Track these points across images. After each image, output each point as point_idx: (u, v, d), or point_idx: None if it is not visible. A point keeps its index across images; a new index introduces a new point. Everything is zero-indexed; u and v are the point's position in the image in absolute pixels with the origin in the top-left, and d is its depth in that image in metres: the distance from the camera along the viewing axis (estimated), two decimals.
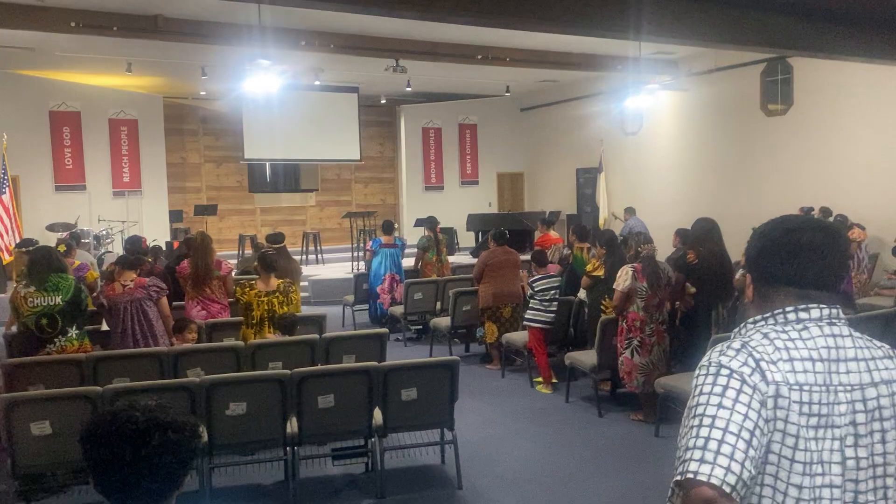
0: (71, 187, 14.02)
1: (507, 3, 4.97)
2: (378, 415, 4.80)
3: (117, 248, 12.31)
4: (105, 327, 6.18)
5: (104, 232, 12.98)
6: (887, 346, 1.55)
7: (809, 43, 6.41)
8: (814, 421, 1.41)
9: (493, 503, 4.75)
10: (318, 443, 5.04)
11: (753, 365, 1.42)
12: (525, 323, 7.33)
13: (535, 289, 7.19)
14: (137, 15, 9.29)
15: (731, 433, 1.34)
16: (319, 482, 5.06)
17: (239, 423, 4.54)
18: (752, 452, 1.35)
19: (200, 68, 12.17)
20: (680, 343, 6.32)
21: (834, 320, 1.51)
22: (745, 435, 1.35)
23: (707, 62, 12.62)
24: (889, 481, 1.47)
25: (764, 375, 1.41)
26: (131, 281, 5.88)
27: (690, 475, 1.33)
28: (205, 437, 4.49)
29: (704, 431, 1.36)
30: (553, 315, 7.20)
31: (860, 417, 1.45)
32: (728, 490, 1.31)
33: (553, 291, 7.25)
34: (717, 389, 1.40)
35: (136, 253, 7.51)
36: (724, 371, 1.42)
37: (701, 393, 1.42)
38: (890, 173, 10.22)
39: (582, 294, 7.26)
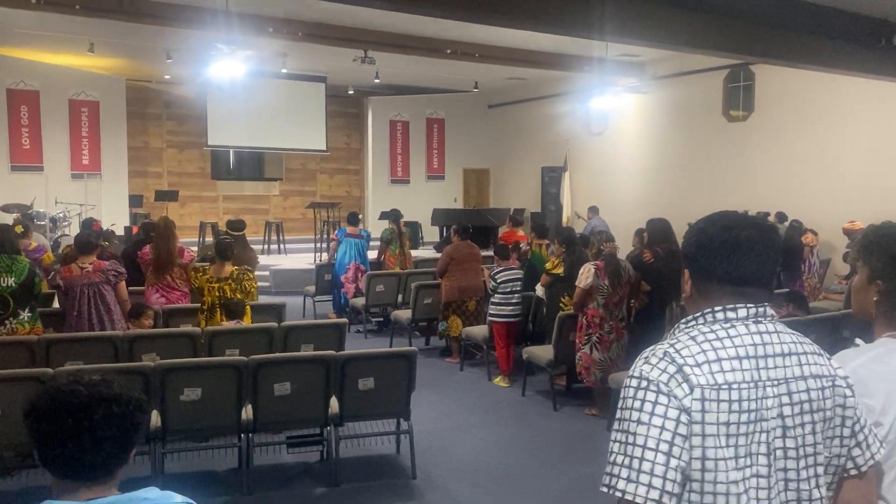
0: (27, 168, 13.70)
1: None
2: (334, 403, 4.81)
3: (75, 232, 12.06)
4: (57, 305, 6.08)
5: (61, 214, 12.71)
6: (816, 345, 1.60)
7: (769, 50, 6.57)
8: (745, 417, 1.45)
9: (447, 493, 4.80)
10: (273, 431, 5.03)
11: (673, 371, 1.45)
12: (489, 318, 7.38)
13: (498, 281, 7.25)
14: None
15: (650, 449, 1.42)
16: (274, 470, 5.05)
17: (193, 409, 4.51)
18: (673, 462, 1.42)
19: (165, 52, 11.98)
20: (634, 339, 6.43)
21: (760, 318, 1.55)
22: (664, 447, 1.42)
23: (672, 66, 12.81)
24: (819, 469, 1.53)
25: (687, 380, 1.44)
26: (90, 264, 5.79)
27: (619, 493, 1.44)
28: (158, 422, 4.47)
29: (628, 449, 1.44)
30: (515, 308, 7.27)
31: (787, 410, 1.49)
32: None
33: (515, 284, 7.31)
34: (636, 404, 1.46)
35: (92, 236, 7.38)
36: (643, 383, 1.47)
37: (623, 406, 1.49)
38: (842, 181, 10.52)
39: (538, 290, 7.33)
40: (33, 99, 13.75)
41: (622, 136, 14.44)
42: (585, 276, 6.09)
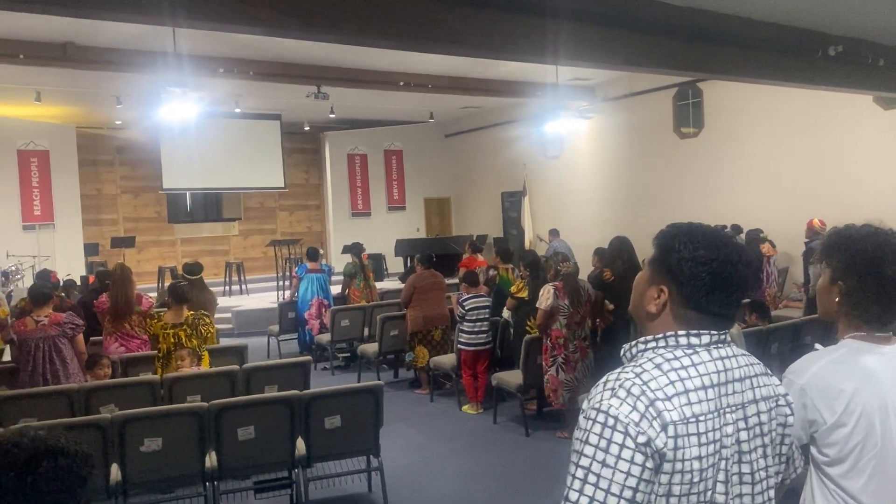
0: None
1: (425, 27, 5.03)
2: (301, 444, 4.70)
3: (28, 285, 11.73)
4: (7, 357, 5.89)
5: (13, 268, 12.37)
6: (762, 364, 1.60)
7: (715, 66, 6.71)
8: (711, 448, 1.42)
9: None
10: (239, 476, 4.89)
11: (643, 408, 1.38)
12: (458, 346, 7.32)
13: (466, 308, 7.20)
14: (45, 42, 8.97)
15: (613, 495, 1.35)
16: None
17: (155, 460, 4.37)
18: None
19: (115, 97, 11.84)
20: (601, 358, 6.44)
21: (720, 344, 1.52)
22: (627, 494, 1.35)
23: (622, 88, 13.06)
24: (771, 493, 1.52)
25: (660, 415, 1.38)
26: (45, 316, 5.62)
27: None
28: (119, 476, 4.31)
29: (587, 489, 1.37)
30: (484, 335, 7.23)
31: (743, 435, 1.48)
32: None
33: (484, 311, 7.28)
34: (602, 443, 1.38)
35: (46, 287, 7.19)
36: (610, 421, 1.38)
37: (586, 442, 1.40)
38: (795, 189, 10.75)
39: (506, 314, 7.32)
40: None
41: (578, 158, 14.63)
42: (545, 297, 6.10)
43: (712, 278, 1.48)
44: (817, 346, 1.93)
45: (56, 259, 13.39)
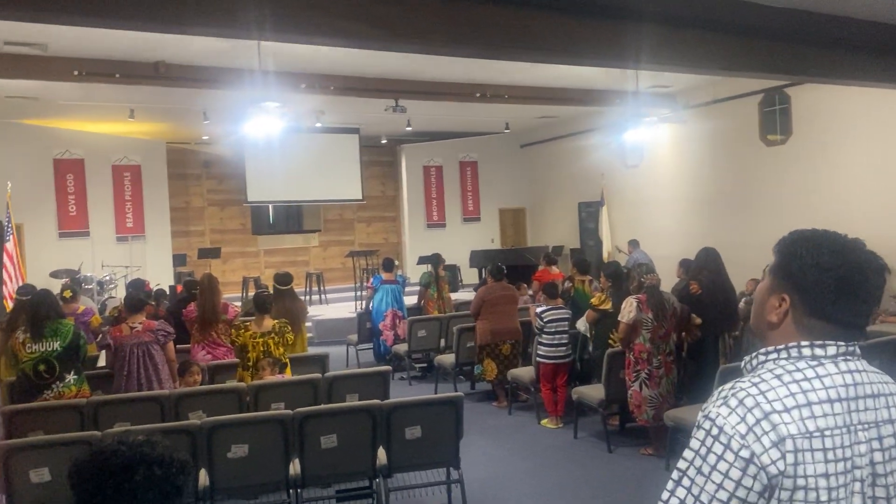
0: (74, 234, 14.06)
1: (510, 35, 5.00)
2: (382, 454, 4.71)
3: (121, 294, 12.29)
4: (101, 363, 6.13)
5: (107, 277, 12.99)
6: None
7: (814, 69, 6.43)
8: (840, 466, 1.33)
9: None
10: (321, 485, 4.95)
11: (753, 421, 1.32)
12: (536, 359, 7.21)
13: (544, 320, 7.10)
14: (139, 62, 9.40)
15: (701, 503, 1.34)
16: None
17: (241, 466, 4.46)
18: None
19: (202, 113, 12.29)
20: (688, 374, 6.22)
21: (849, 357, 1.43)
22: None
23: (704, 95, 12.69)
24: None
25: (775, 429, 1.31)
26: (139, 323, 5.85)
27: None
28: (206, 481, 4.42)
29: (679, 492, 1.37)
30: (564, 348, 7.10)
31: (878, 456, 1.38)
32: None
33: (563, 323, 7.15)
34: (702, 450, 1.36)
35: (140, 295, 7.49)
36: (714, 430, 1.35)
37: (689, 446, 1.40)
38: (891, 197, 10.19)
39: (580, 325, 7.16)
40: (78, 167, 14.18)
41: (658, 167, 14.29)
42: (628, 310, 5.94)
43: (838, 285, 1.40)
44: None
45: (146, 269, 13.96)
